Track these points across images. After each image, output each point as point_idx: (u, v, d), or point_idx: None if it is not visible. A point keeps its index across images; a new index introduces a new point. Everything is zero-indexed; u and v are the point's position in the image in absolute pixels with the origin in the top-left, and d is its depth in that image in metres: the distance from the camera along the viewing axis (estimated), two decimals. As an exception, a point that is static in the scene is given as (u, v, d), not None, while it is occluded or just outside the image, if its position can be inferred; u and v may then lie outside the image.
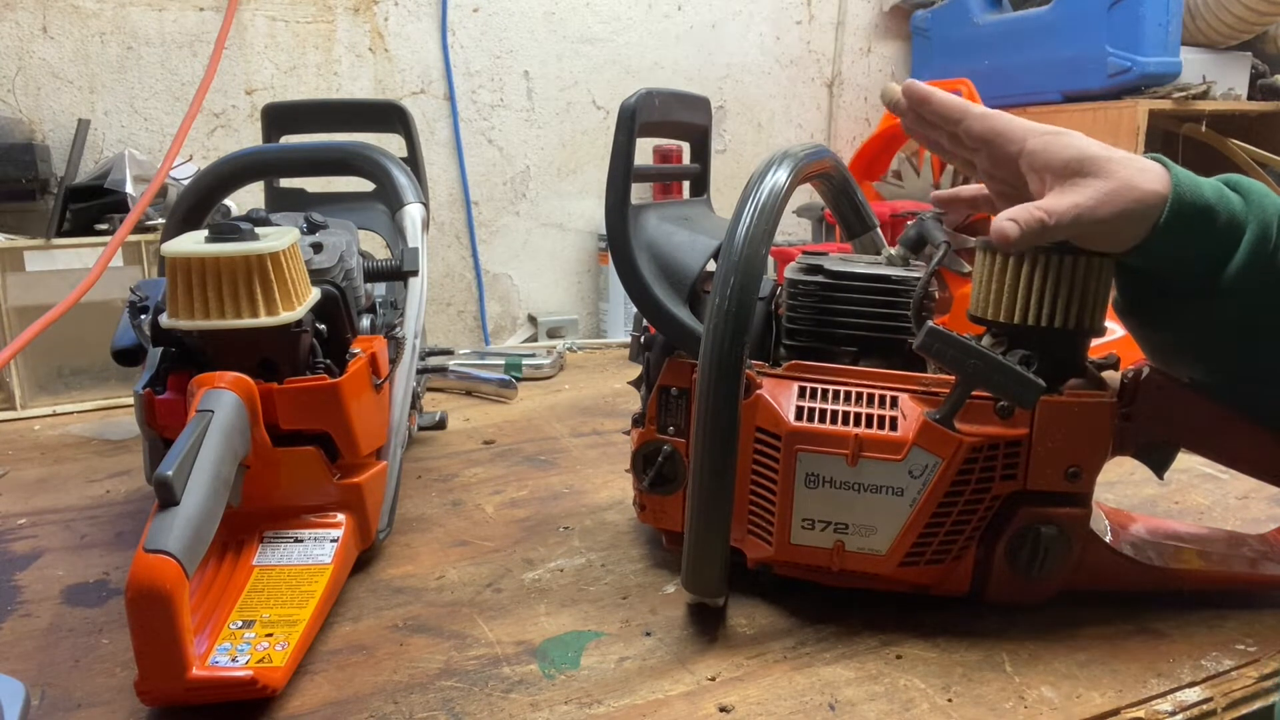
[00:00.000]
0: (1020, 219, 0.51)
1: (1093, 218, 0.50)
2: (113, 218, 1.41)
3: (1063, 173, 0.52)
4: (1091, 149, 0.52)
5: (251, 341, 0.57)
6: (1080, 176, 0.51)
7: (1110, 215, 0.50)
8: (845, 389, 0.56)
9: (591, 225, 2.22)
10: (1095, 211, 0.50)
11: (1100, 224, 0.51)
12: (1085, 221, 0.50)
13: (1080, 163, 0.51)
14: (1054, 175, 0.52)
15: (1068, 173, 0.51)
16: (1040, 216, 0.51)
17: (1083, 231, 0.51)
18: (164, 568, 0.44)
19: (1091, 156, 0.51)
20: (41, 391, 1.32)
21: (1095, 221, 0.51)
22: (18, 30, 1.63)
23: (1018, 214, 0.51)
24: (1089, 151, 0.51)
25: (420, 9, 1.96)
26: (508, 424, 1.00)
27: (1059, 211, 0.50)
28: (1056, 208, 0.51)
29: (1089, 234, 0.52)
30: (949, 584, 0.58)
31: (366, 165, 0.81)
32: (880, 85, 2.54)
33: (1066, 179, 0.51)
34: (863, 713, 0.49)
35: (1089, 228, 0.51)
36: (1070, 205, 0.50)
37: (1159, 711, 0.49)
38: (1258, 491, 0.78)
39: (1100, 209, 0.50)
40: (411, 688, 0.51)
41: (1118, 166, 0.51)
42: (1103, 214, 0.50)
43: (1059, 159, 0.52)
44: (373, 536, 0.65)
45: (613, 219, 0.60)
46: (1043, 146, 0.52)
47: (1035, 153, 0.53)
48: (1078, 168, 0.51)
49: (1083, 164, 0.51)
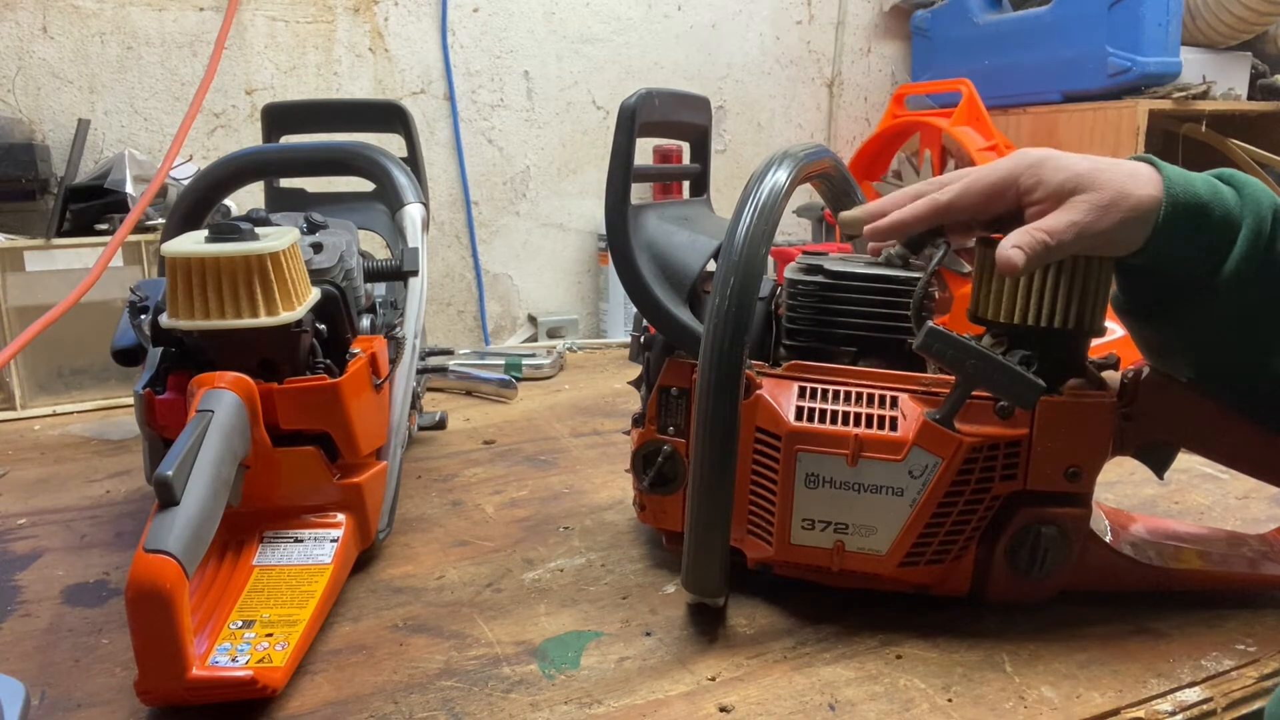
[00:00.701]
0: (1025, 245, 0.52)
1: (1092, 232, 0.51)
2: (113, 218, 1.41)
3: (1059, 194, 0.53)
4: (1081, 165, 0.53)
5: (251, 341, 0.57)
6: (1075, 194, 0.52)
7: (1109, 226, 0.52)
8: (845, 389, 0.56)
9: (591, 225, 2.22)
10: (1094, 226, 0.51)
11: (1100, 236, 0.52)
12: (1086, 236, 0.52)
13: (1073, 181, 0.52)
14: (1052, 200, 0.53)
15: (1063, 193, 0.52)
16: (1043, 239, 0.52)
17: (1085, 245, 0.52)
18: (164, 568, 0.43)
19: (1082, 173, 0.52)
20: (41, 391, 1.32)
21: (1095, 235, 0.52)
22: (18, 30, 1.63)
23: (1021, 240, 0.52)
24: (1078, 168, 0.53)
25: (420, 9, 1.96)
26: (508, 424, 1.00)
27: (1059, 231, 0.52)
28: (1056, 228, 0.52)
29: (1091, 246, 0.53)
30: (949, 584, 0.58)
31: (366, 165, 0.81)
32: (880, 85, 2.54)
33: (1063, 199, 0.52)
34: (863, 713, 0.49)
35: (1090, 241, 0.52)
36: (1069, 224, 0.52)
37: (1159, 711, 0.49)
38: (1258, 491, 0.78)
39: (1099, 222, 0.51)
40: (411, 688, 0.51)
41: (1109, 177, 0.52)
42: (1102, 227, 0.52)
43: (1054, 183, 0.53)
44: (373, 536, 0.65)
45: (613, 219, 0.60)
46: (1036, 181, 0.53)
47: (1032, 189, 0.54)
48: (1073, 187, 0.52)
49: (1077, 181, 0.52)
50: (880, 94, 2.53)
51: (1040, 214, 0.53)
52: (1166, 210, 0.51)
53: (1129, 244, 0.53)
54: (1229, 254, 0.53)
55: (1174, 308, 0.56)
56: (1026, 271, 0.53)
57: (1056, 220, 0.52)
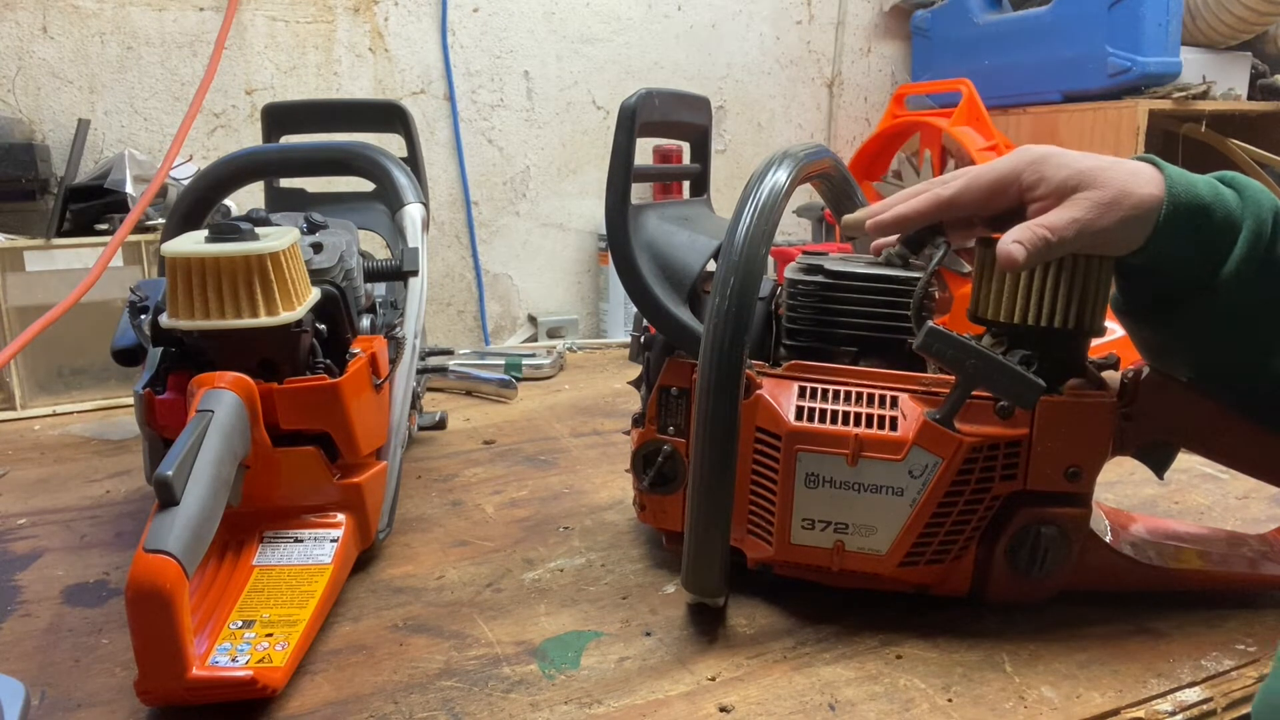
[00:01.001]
0: (1025, 240, 0.52)
1: (1093, 229, 0.51)
2: (113, 218, 1.41)
3: (1060, 191, 0.52)
4: (1083, 163, 0.53)
5: (251, 341, 0.57)
6: (1077, 191, 0.52)
7: (1110, 224, 0.51)
8: (845, 389, 0.56)
9: (591, 225, 2.22)
10: (1095, 223, 0.51)
11: (1101, 234, 0.52)
12: (1087, 234, 0.51)
13: (1076, 178, 0.52)
14: (1054, 196, 0.53)
15: (1065, 190, 0.52)
16: (1044, 235, 0.51)
17: (1086, 243, 0.52)
18: (164, 568, 0.43)
19: (1084, 170, 0.52)
20: (41, 391, 1.32)
21: (1096, 232, 0.51)
22: (18, 30, 1.63)
23: (1022, 235, 0.52)
24: (1080, 166, 0.52)
25: (420, 9, 1.96)
26: (508, 424, 1.00)
27: (1060, 227, 0.51)
28: (1058, 224, 0.51)
29: (1092, 244, 0.52)
30: (949, 584, 0.58)
31: (366, 165, 0.81)
32: (880, 85, 2.54)
33: (1064, 196, 0.52)
34: (863, 713, 0.49)
35: (1091, 239, 0.52)
36: (1070, 220, 0.51)
37: (1159, 711, 0.49)
38: (1258, 491, 0.78)
39: (1100, 220, 0.51)
40: (411, 688, 0.51)
41: (1111, 175, 0.52)
42: (1103, 224, 0.51)
43: (1056, 180, 0.53)
44: (373, 536, 0.65)
45: (613, 219, 0.60)
46: (1038, 178, 0.53)
47: (1034, 185, 0.53)
48: (1075, 184, 0.52)
49: (1079, 179, 0.52)
50: (880, 94, 2.54)
51: (1042, 210, 0.53)
52: (1168, 210, 0.51)
53: (1129, 243, 0.53)
54: (1229, 255, 0.53)
55: (1174, 308, 0.56)
56: (1027, 267, 0.53)
57: (1058, 217, 0.52)
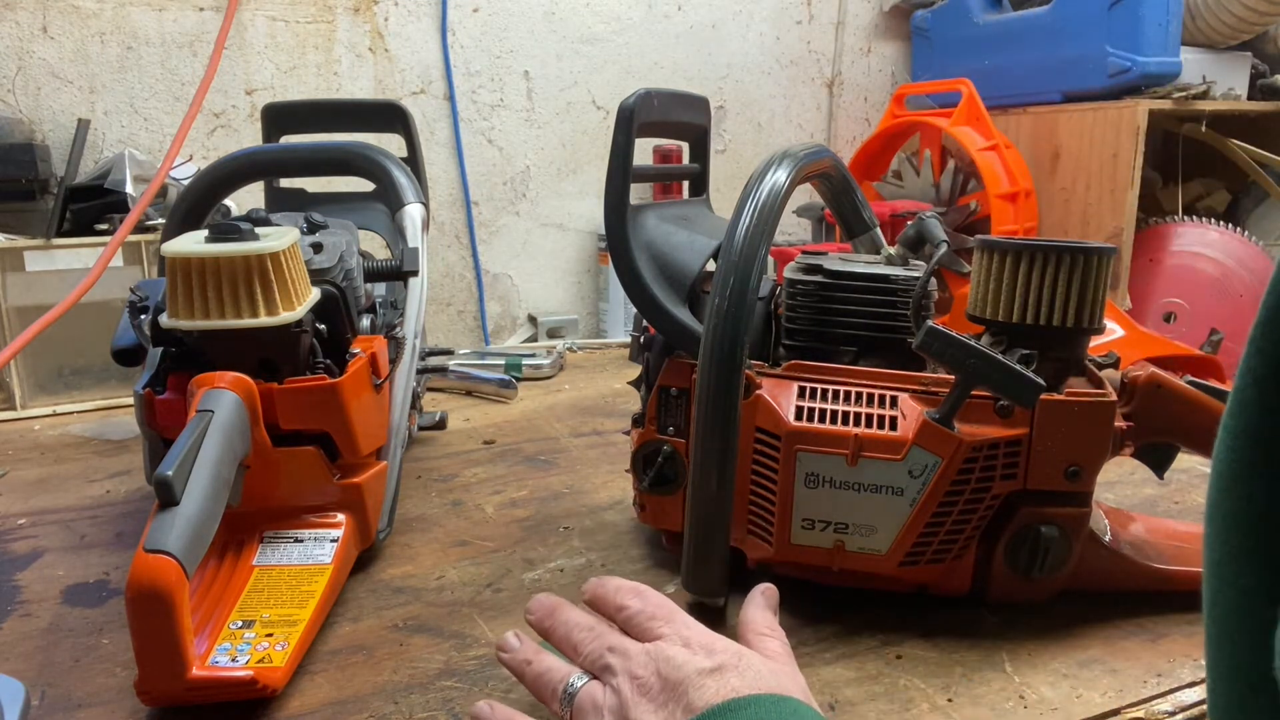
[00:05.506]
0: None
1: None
2: (113, 218, 1.41)
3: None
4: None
5: (251, 341, 0.57)
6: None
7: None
8: (845, 389, 0.56)
9: (591, 225, 2.22)
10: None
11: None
12: None
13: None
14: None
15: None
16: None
17: None
18: (164, 568, 0.43)
19: None
20: (41, 391, 1.32)
21: None
22: (18, 30, 1.63)
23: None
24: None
25: (420, 9, 1.96)
26: (508, 424, 1.00)
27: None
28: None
29: None
30: (949, 584, 0.58)
31: (366, 165, 0.81)
32: (880, 85, 2.54)
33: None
34: (863, 713, 0.49)
35: None
36: None
37: (1159, 711, 0.49)
38: (1258, 491, 0.78)
39: None
40: (411, 688, 0.51)
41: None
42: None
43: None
44: (373, 536, 0.65)
45: (612, 219, 0.60)
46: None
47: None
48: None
49: None
50: (880, 94, 2.54)
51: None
52: None
53: None
54: None
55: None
56: None
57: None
